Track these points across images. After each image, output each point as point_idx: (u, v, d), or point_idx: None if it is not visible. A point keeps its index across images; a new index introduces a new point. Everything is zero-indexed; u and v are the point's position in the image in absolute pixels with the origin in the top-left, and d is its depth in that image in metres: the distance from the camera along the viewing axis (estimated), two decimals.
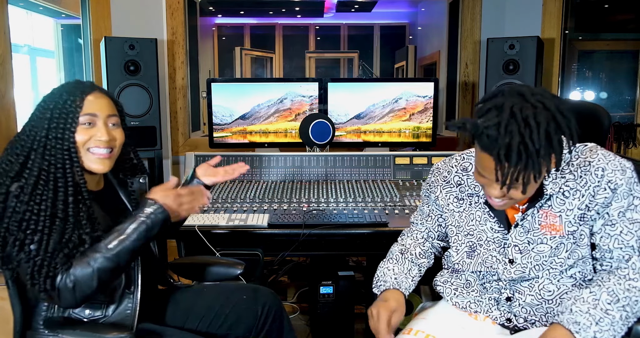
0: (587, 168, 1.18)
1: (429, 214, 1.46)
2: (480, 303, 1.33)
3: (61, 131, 1.25)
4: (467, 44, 3.37)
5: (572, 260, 1.23)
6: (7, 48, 2.45)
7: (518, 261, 1.26)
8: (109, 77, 2.68)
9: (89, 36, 3.07)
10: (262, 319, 1.53)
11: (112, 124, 1.33)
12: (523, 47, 2.75)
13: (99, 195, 1.37)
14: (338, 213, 2.06)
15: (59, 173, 1.23)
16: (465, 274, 1.37)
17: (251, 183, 2.44)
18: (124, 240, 1.22)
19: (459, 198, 1.36)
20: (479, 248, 1.32)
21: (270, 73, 7.77)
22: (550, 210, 1.22)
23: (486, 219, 1.30)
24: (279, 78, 6.82)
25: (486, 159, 1.08)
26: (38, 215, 1.19)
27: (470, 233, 1.33)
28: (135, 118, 2.73)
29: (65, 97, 1.27)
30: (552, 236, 1.22)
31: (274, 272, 2.85)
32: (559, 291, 1.24)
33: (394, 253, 1.47)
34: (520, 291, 1.28)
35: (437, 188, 1.39)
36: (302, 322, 2.55)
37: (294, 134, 2.73)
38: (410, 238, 1.50)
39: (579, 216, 1.20)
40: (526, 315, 1.28)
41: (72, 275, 1.18)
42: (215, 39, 7.54)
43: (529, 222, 1.24)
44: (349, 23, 7.97)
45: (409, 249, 1.47)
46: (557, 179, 1.20)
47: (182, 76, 3.24)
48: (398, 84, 2.78)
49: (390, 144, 2.77)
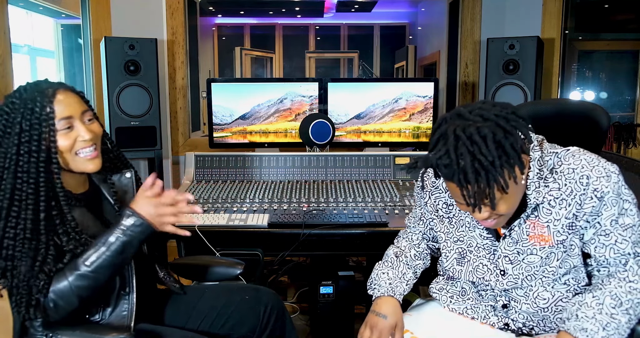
0: (572, 176, 1.15)
1: (421, 217, 1.46)
2: (477, 309, 1.32)
3: (35, 143, 1.17)
4: (467, 44, 3.37)
5: (564, 269, 1.22)
6: (7, 48, 2.45)
7: (510, 272, 1.24)
8: (109, 77, 2.68)
9: (89, 36, 3.07)
10: (265, 319, 1.52)
11: (88, 120, 1.27)
12: (523, 47, 2.75)
13: (86, 197, 1.33)
14: (338, 213, 2.06)
15: (31, 189, 1.16)
16: (461, 281, 1.36)
17: (251, 183, 2.44)
18: (101, 255, 1.18)
19: (447, 203, 1.34)
20: (469, 254, 1.30)
21: (270, 73, 7.78)
22: (537, 220, 1.19)
23: (474, 225, 1.28)
24: (279, 78, 6.82)
25: (453, 187, 1.08)
26: (14, 239, 1.14)
27: (460, 239, 1.31)
28: (135, 118, 2.73)
29: (32, 106, 1.18)
30: (541, 246, 1.20)
31: (274, 272, 2.85)
32: (554, 298, 1.24)
33: (389, 256, 1.47)
34: (516, 299, 1.27)
35: (426, 193, 1.39)
36: (302, 322, 2.55)
37: (294, 134, 2.73)
38: (406, 240, 1.50)
39: (567, 225, 1.18)
40: (524, 321, 1.27)
41: (53, 293, 1.15)
42: (215, 39, 7.55)
43: (516, 233, 1.22)
44: (349, 23, 7.98)
45: (404, 251, 1.47)
46: (541, 188, 1.17)
47: (182, 76, 3.24)
48: (398, 84, 2.78)
49: (390, 144, 2.77)
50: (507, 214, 1.14)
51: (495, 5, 3.24)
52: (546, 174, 1.17)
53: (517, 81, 2.77)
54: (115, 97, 2.68)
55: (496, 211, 1.10)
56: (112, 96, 2.68)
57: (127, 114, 2.71)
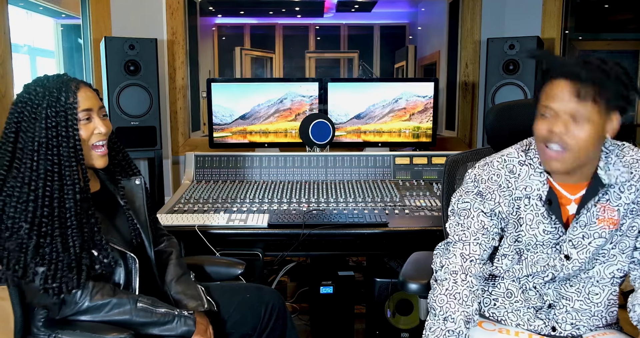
0: (637, 164, 1.23)
1: (484, 227, 1.28)
2: (519, 312, 1.30)
3: (63, 128, 1.24)
4: (467, 44, 3.37)
5: (615, 251, 1.25)
6: (7, 48, 2.45)
7: (574, 256, 1.25)
8: (109, 77, 2.68)
9: (89, 36, 3.07)
10: (266, 318, 1.53)
11: (103, 116, 1.34)
12: (523, 47, 2.75)
13: (96, 197, 1.37)
14: (338, 213, 2.06)
15: (66, 171, 1.23)
16: (505, 282, 1.33)
17: (251, 183, 2.44)
18: (147, 311, 1.29)
19: (510, 201, 1.27)
20: (526, 252, 1.29)
21: (270, 73, 7.77)
22: (608, 204, 1.23)
23: (539, 221, 1.25)
24: (279, 78, 6.81)
25: (559, 85, 1.12)
26: (48, 217, 1.20)
27: (519, 240, 1.28)
28: (135, 118, 2.73)
29: (57, 94, 1.25)
30: (610, 230, 1.23)
31: (274, 272, 2.85)
32: (606, 293, 1.27)
33: (456, 322, 1.22)
34: (567, 297, 1.28)
35: (494, 193, 1.27)
36: (302, 322, 2.55)
37: (294, 134, 2.73)
38: (465, 287, 1.25)
39: (631, 210, 1.23)
40: (573, 320, 1.27)
41: (93, 301, 1.24)
42: (215, 39, 7.54)
43: (586, 216, 1.23)
44: (349, 23, 7.97)
45: (470, 314, 1.24)
46: (611, 171, 1.22)
47: (182, 76, 3.24)
48: (398, 84, 2.78)
49: (390, 144, 2.77)
50: (571, 150, 1.13)
51: (495, 5, 3.24)
52: (614, 160, 1.23)
53: (517, 81, 2.77)
54: (115, 97, 2.68)
55: (567, 137, 1.12)
56: (112, 96, 2.68)
57: (127, 114, 2.71)
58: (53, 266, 1.19)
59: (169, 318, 1.30)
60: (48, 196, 1.21)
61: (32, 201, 1.20)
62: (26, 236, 1.18)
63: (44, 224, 1.20)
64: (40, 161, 1.22)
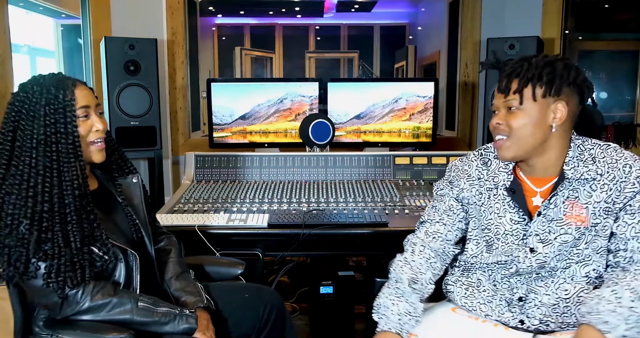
0: (614, 164, 1.25)
1: (450, 209, 1.42)
2: (491, 304, 1.32)
3: (62, 125, 1.25)
4: (467, 44, 3.37)
5: (589, 251, 1.26)
6: (7, 48, 2.45)
7: (539, 250, 1.27)
8: (109, 77, 2.68)
9: (89, 36, 3.07)
10: (264, 318, 1.53)
11: (99, 113, 1.35)
12: (523, 47, 2.75)
13: (95, 194, 1.37)
14: (338, 213, 2.06)
15: (65, 168, 1.24)
16: (477, 273, 1.37)
17: (251, 183, 2.44)
18: (148, 311, 1.29)
19: (479, 191, 1.38)
20: (496, 241, 1.33)
21: (270, 73, 7.77)
22: (577, 201, 1.26)
23: (505, 210, 1.32)
24: (279, 78, 6.82)
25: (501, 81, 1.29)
26: (49, 212, 1.21)
27: (488, 228, 1.35)
28: (135, 118, 2.73)
29: (55, 92, 1.26)
30: (577, 226, 1.25)
31: (274, 272, 2.85)
32: (576, 290, 1.26)
33: (402, 281, 1.34)
34: (536, 291, 1.28)
35: (460, 181, 1.42)
36: (302, 322, 2.55)
37: (294, 134, 2.73)
38: (421, 256, 1.39)
39: (604, 209, 1.25)
40: (541, 316, 1.27)
41: (93, 300, 1.24)
42: (215, 39, 7.54)
43: (553, 211, 1.27)
44: (349, 23, 7.97)
45: (419, 279, 1.35)
46: (579, 168, 1.26)
47: (182, 76, 3.24)
48: (398, 84, 2.78)
49: (390, 144, 2.77)
50: (512, 138, 1.26)
51: (495, 5, 3.24)
52: (587, 158, 1.27)
53: None
54: (115, 97, 2.68)
55: (505, 126, 1.26)
56: (112, 96, 2.68)
57: (127, 114, 2.71)
58: (56, 261, 1.20)
59: (170, 318, 1.30)
60: (47, 192, 1.22)
61: (31, 197, 1.21)
62: (27, 232, 1.19)
63: (45, 219, 1.20)
64: (39, 158, 1.22)
